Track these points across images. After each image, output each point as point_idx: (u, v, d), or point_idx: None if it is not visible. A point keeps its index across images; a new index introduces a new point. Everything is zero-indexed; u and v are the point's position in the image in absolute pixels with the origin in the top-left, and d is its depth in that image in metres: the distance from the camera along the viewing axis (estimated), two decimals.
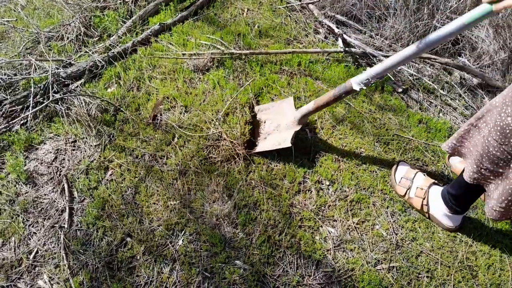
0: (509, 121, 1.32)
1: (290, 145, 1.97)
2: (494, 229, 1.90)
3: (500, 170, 1.46)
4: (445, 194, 1.81)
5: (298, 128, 2.03)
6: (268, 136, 2.12)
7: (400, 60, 1.61)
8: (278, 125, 2.13)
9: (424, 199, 1.88)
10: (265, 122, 2.20)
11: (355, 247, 1.79)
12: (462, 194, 1.74)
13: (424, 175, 1.99)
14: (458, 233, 1.86)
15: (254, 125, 2.20)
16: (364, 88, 1.73)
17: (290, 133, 2.01)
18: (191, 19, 2.87)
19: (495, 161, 1.44)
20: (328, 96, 1.87)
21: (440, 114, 2.45)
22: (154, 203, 1.88)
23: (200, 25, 2.81)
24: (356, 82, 1.74)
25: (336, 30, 2.73)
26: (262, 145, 2.09)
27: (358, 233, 1.83)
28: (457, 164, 2.08)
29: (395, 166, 2.04)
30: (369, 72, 1.70)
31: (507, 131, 1.34)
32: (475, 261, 1.79)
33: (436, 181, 1.95)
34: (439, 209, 1.84)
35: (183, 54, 2.53)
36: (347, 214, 1.89)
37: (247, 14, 2.98)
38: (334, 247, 1.78)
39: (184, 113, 2.23)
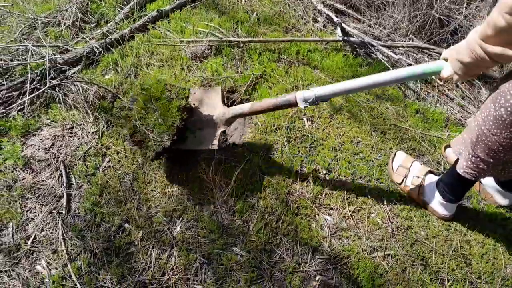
0: (503, 112, 1.33)
1: (216, 148, 1.85)
2: (488, 219, 1.92)
3: (491, 160, 1.47)
4: (439, 183, 1.84)
5: (224, 128, 1.91)
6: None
7: (347, 89, 1.57)
8: (208, 120, 1.94)
9: (420, 187, 1.90)
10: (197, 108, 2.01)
11: (351, 235, 1.81)
12: (455, 184, 1.76)
13: (421, 164, 2.00)
14: (453, 222, 1.89)
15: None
16: (308, 106, 1.66)
17: (216, 135, 1.88)
18: (189, 6, 2.85)
19: (486, 150, 1.45)
20: (268, 103, 1.77)
21: (437, 104, 2.46)
22: (152, 190, 1.89)
23: (198, 12, 2.79)
24: (301, 99, 1.66)
25: (335, 19, 2.72)
26: (182, 142, 1.90)
27: (354, 221, 1.85)
28: (452, 155, 2.09)
29: (392, 155, 2.06)
30: (316, 91, 1.62)
31: (500, 122, 1.35)
32: (469, 250, 1.82)
33: (432, 170, 1.97)
34: (434, 198, 1.87)
35: (181, 41, 2.52)
36: (344, 202, 1.91)
37: (245, 1, 2.96)
38: (330, 234, 1.80)
39: None
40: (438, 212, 1.88)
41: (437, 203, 1.87)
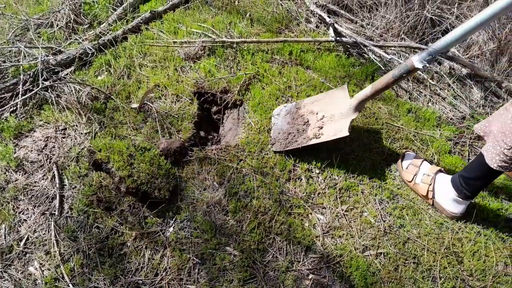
0: None
1: (347, 134, 1.88)
2: (480, 217, 1.94)
3: None
4: (456, 179, 1.83)
5: (354, 115, 1.93)
6: (324, 127, 2.01)
7: (464, 33, 1.49)
8: (332, 115, 2.03)
9: (430, 185, 1.91)
10: (317, 114, 2.10)
11: (343, 234, 1.82)
12: (477, 178, 1.76)
13: (430, 163, 2.02)
14: (445, 221, 1.90)
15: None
16: (428, 66, 1.60)
17: (347, 122, 1.92)
18: (182, 7, 2.85)
19: None
20: (387, 78, 1.75)
21: (429, 104, 2.47)
22: None
23: (191, 13, 2.80)
24: (418, 60, 1.61)
25: (328, 20, 2.74)
26: (317, 138, 1.98)
27: (346, 220, 1.86)
28: None
29: (402, 154, 2.08)
30: (433, 46, 1.58)
31: None
32: (460, 248, 1.83)
33: (442, 169, 1.99)
34: (445, 195, 1.88)
35: (174, 42, 2.52)
36: (336, 201, 1.91)
37: (238, 2, 2.97)
38: (323, 233, 1.81)
39: (175, 102, 2.23)
40: (447, 210, 1.89)
41: (449, 201, 1.87)
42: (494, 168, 1.60)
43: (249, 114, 2.23)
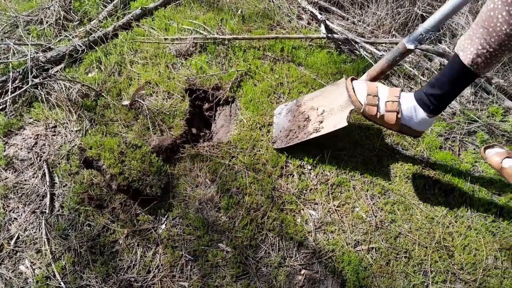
0: None
1: (346, 124, 1.85)
2: (470, 211, 1.96)
3: (504, 51, 1.37)
4: (422, 96, 1.69)
5: (352, 107, 1.87)
6: (324, 120, 2.00)
7: (455, 7, 1.50)
8: (332, 108, 2.01)
9: (398, 112, 1.72)
10: (317, 109, 2.09)
11: (335, 229, 1.82)
12: (447, 92, 1.61)
13: (386, 85, 1.85)
14: (436, 215, 1.91)
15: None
16: (419, 45, 1.59)
17: (345, 113, 1.90)
18: (174, 3, 2.84)
19: (503, 43, 1.33)
20: (381, 63, 1.74)
21: None
22: None
23: (183, 10, 2.79)
24: (409, 42, 1.61)
25: (319, 16, 2.74)
26: (317, 131, 1.97)
27: (338, 216, 1.87)
28: (493, 156, 2.12)
29: (349, 84, 1.82)
30: (422, 25, 1.57)
31: None
32: (451, 242, 1.85)
33: (402, 89, 1.83)
34: (415, 117, 1.73)
35: (165, 39, 2.51)
36: (328, 197, 1.92)
37: None
38: (315, 229, 1.82)
39: (167, 99, 2.22)
40: (415, 129, 1.76)
41: (418, 122, 1.73)
42: (470, 67, 1.46)
43: (241, 111, 2.22)
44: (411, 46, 1.62)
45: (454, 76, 1.57)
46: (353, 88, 1.81)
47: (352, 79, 1.85)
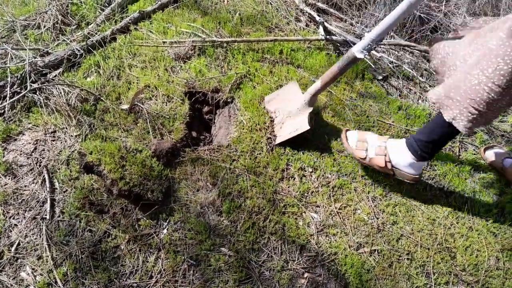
0: None
1: (308, 127, 1.97)
2: (471, 213, 1.96)
3: (495, 113, 1.49)
4: (411, 142, 1.80)
5: (310, 109, 2.03)
6: (283, 125, 2.11)
7: (396, 18, 1.62)
8: (289, 111, 2.10)
9: (385, 155, 1.88)
10: (274, 112, 2.18)
11: (337, 232, 1.82)
12: (435, 140, 1.73)
13: (375, 134, 2.00)
14: (438, 217, 1.92)
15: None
16: (367, 54, 1.70)
17: (305, 116, 2.01)
18: (171, 7, 2.83)
19: (494, 104, 1.44)
20: (333, 70, 1.86)
21: (419, 101, 2.50)
22: None
23: (181, 13, 2.78)
24: (358, 50, 1.72)
25: (317, 18, 2.74)
26: (280, 135, 2.08)
27: (340, 218, 1.87)
28: (493, 157, 2.13)
29: (343, 135, 2.02)
30: (369, 36, 1.67)
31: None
32: (453, 243, 1.85)
33: (389, 136, 1.97)
34: (402, 160, 1.85)
35: (164, 42, 2.50)
36: (330, 199, 1.92)
37: (228, 1, 2.96)
38: (317, 232, 1.81)
39: (166, 103, 2.21)
40: (407, 174, 1.86)
41: (406, 165, 1.85)
42: (464, 131, 1.55)
43: (241, 112, 2.21)
44: (361, 56, 1.73)
45: (441, 129, 1.68)
46: (346, 137, 2.01)
47: (346, 130, 2.04)
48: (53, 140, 2.03)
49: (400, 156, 1.85)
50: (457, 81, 1.52)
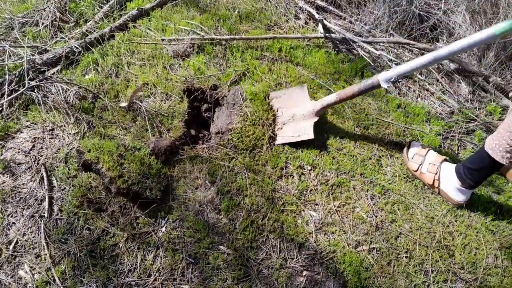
0: None
1: (312, 137, 2.01)
2: (470, 210, 1.96)
3: None
4: (460, 168, 1.88)
5: (316, 119, 2.06)
6: (284, 126, 2.11)
7: (428, 62, 1.70)
8: (294, 114, 2.12)
9: (436, 174, 1.96)
10: (277, 110, 2.18)
11: (336, 230, 1.82)
12: (480, 169, 1.81)
13: (436, 152, 2.06)
14: (436, 215, 1.92)
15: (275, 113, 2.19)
16: (391, 86, 1.80)
17: (310, 125, 2.04)
18: (170, 4, 2.82)
19: None
20: (352, 90, 1.92)
21: (418, 99, 2.49)
22: None
23: (179, 10, 2.77)
24: (384, 80, 1.78)
25: (317, 16, 2.73)
26: (282, 137, 2.09)
27: (339, 216, 1.87)
28: None
29: (407, 145, 2.11)
30: (397, 70, 1.74)
31: None
32: (451, 241, 1.85)
33: (447, 158, 2.02)
34: (450, 184, 1.92)
35: (162, 40, 2.50)
36: (328, 197, 1.92)
37: None
38: (316, 230, 1.81)
39: (165, 101, 2.21)
40: (453, 198, 1.94)
41: (453, 189, 1.92)
42: (505, 163, 1.67)
43: (246, 102, 2.18)
44: (385, 86, 1.81)
45: (487, 159, 1.74)
46: (409, 145, 2.11)
47: (411, 141, 2.14)
48: (51, 138, 2.02)
49: (448, 179, 1.94)
50: (506, 116, 1.67)
